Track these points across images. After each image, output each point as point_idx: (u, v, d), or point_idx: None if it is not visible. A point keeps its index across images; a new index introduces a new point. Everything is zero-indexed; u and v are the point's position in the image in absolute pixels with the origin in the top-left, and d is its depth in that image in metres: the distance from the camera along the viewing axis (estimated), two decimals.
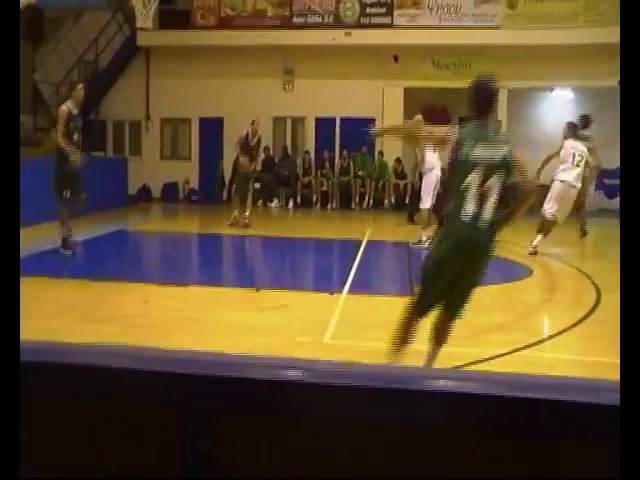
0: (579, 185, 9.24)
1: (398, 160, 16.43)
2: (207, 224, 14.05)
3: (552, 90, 17.37)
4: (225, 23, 16.71)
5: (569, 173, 9.12)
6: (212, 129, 17.21)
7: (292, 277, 7.78)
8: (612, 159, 15.77)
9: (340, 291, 6.46)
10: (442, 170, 9.21)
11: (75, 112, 8.05)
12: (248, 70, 16.45)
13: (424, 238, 9.24)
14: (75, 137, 7.96)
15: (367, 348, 4.74)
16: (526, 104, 17.27)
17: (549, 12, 15.86)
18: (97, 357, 1.02)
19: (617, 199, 15.64)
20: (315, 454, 0.95)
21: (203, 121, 17.39)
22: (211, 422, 0.96)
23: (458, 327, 5.24)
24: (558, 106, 17.42)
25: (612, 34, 15.33)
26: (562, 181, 9.16)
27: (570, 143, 9.27)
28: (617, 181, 16.07)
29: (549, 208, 9.16)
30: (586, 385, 0.97)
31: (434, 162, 9.47)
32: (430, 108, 17.89)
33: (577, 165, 9.13)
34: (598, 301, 6.19)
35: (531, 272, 7.90)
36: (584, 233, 10.34)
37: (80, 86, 8.32)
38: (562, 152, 9.25)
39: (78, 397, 0.98)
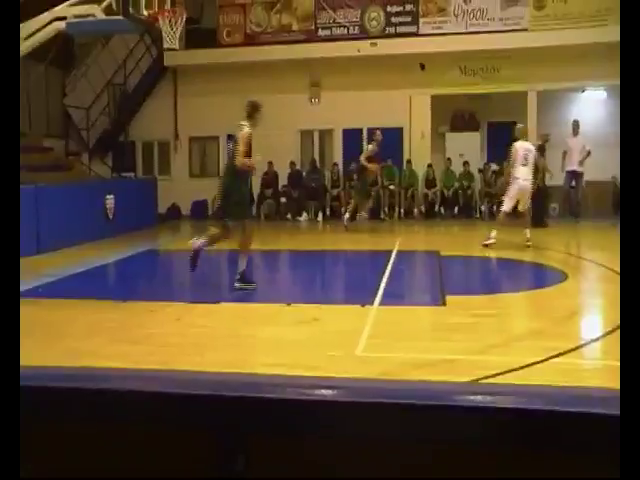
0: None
1: (429, 167, 16.39)
2: (235, 240, 14.15)
3: (584, 90, 17.17)
4: (251, 40, 16.92)
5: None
6: None
7: (323, 290, 7.81)
8: None
9: (371, 303, 6.46)
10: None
11: None
12: (275, 85, 16.60)
13: (492, 235, 10.07)
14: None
15: (399, 360, 4.74)
16: (557, 105, 17.09)
17: (578, 11, 15.71)
18: (125, 381, 1.04)
19: None
20: (348, 472, 0.95)
21: (230, 138, 17.57)
22: (244, 443, 0.96)
23: (490, 335, 5.23)
24: (590, 106, 17.22)
25: None
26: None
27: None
28: None
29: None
30: (615, 396, 0.94)
31: (519, 174, 10.13)
32: (459, 115, 17.88)
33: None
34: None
35: (567, 277, 7.80)
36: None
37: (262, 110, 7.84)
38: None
39: (108, 422, 0.99)
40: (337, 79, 16.73)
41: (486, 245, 10.09)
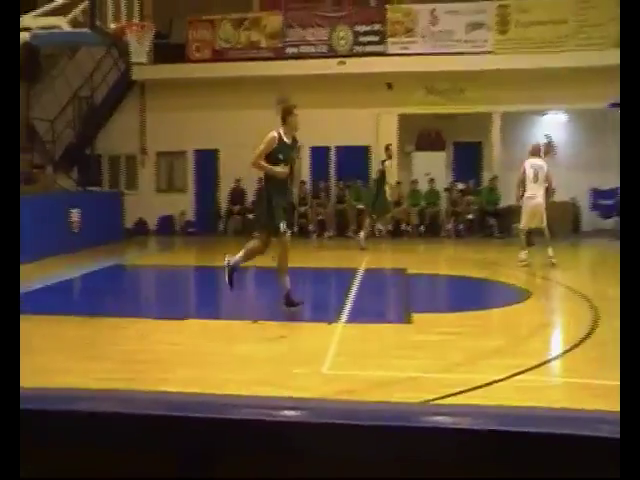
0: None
1: (397, 185, 16.58)
2: (204, 256, 14.12)
3: (545, 113, 17.58)
4: (220, 56, 16.97)
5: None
6: (207, 161, 17.39)
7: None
8: (605, 180, 15.96)
9: (338, 320, 6.51)
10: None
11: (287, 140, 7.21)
12: (243, 101, 16.67)
13: (522, 256, 10.22)
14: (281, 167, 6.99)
15: (365, 378, 4.78)
16: (519, 127, 17.45)
17: (540, 36, 16.12)
18: (84, 402, 1.01)
19: (611, 219, 15.76)
20: None
21: (198, 153, 17.57)
22: (210, 464, 0.94)
23: (455, 353, 5.31)
24: (551, 129, 17.62)
25: (602, 57, 15.58)
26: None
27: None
28: (611, 201, 16.23)
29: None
30: (585, 417, 0.97)
31: (530, 191, 10.34)
32: (425, 134, 18.14)
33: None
34: (596, 323, 6.24)
35: (530, 295, 7.95)
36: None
37: (296, 112, 7.46)
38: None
39: (67, 445, 0.96)
40: (306, 97, 16.80)
41: (526, 264, 10.13)
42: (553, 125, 17.67)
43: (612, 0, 16.25)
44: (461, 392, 4.14)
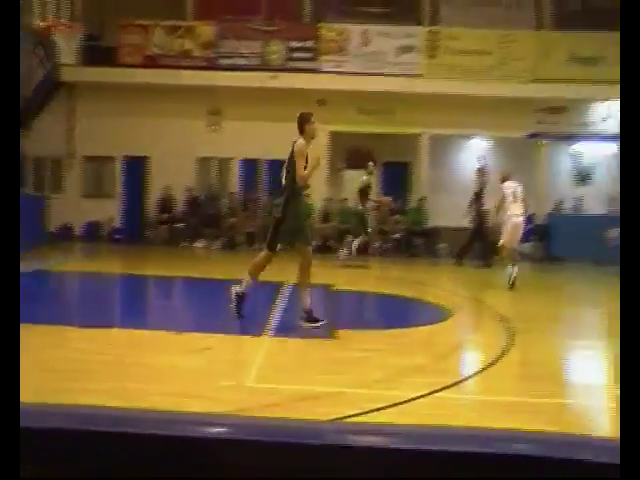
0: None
1: (326, 201, 16.76)
2: (130, 264, 13.87)
3: (470, 138, 18.17)
4: (152, 62, 16.79)
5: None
6: (136, 168, 17.13)
7: (216, 319, 7.80)
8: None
9: (263, 334, 6.54)
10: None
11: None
12: (174, 110, 16.53)
13: (512, 272, 10.50)
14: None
15: (287, 392, 4.83)
16: (447, 150, 17.97)
17: (466, 64, 16.70)
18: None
19: (528, 244, 16.41)
20: None
21: (128, 159, 17.29)
22: None
23: (376, 370, 5.43)
24: (475, 154, 18.24)
25: (522, 90, 16.30)
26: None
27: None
28: (529, 226, 16.92)
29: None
30: (498, 436, 1.00)
31: (513, 211, 10.82)
32: (356, 152, 18.42)
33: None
34: (512, 342, 6.50)
35: (452, 314, 8.19)
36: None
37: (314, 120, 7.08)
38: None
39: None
40: (238, 109, 16.86)
41: (512, 284, 10.47)
42: (478, 150, 18.28)
43: (532, 37, 17.04)
44: (380, 408, 4.24)
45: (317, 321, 6.69)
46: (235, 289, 7.04)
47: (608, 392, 5.35)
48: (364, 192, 13.37)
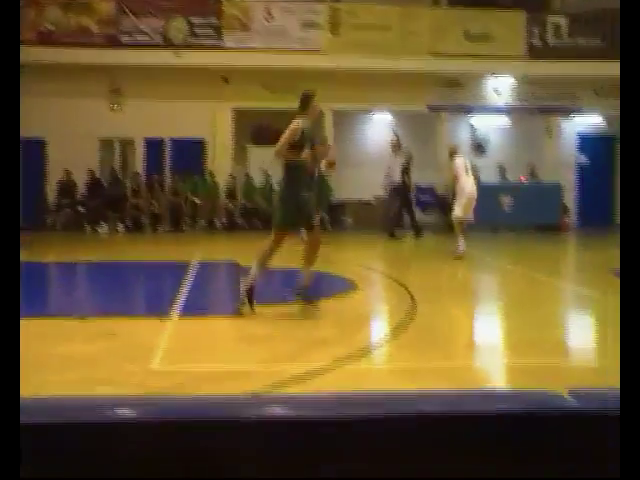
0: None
1: (231, 178, 16.58)
2: (31, 251, 13.30)
3: (373, 113, 18.39)
4: (45, 39, 15.97)
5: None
6: (34, 150, 16.35)
7: (120, 303, 7.60)
8: (424, 177, 17.01)
9: (169, 315, 6.44)
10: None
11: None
12: (72, 89, 15.84)
13: (461, 244, 10.74)
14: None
15: (195, 372, 4.79)
16: (350, 125, 18.13)
17: (368, 40, 16.81)
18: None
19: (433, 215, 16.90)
20: None
21: (24, 142, 16.44)
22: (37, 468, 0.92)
23: (283, 344, 5.47)
24: (378, 127, 18.50)
25: (422, 64, 16.62)
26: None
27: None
28: (429, 197, 17.47)
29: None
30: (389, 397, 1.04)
31: (467, 184, 11.08)
32: (262, 129, 18.24)
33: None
34: (414, 312, 6.68)
35: (356, 286, 8.32)
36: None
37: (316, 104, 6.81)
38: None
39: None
40: (140, 87, 16.34)
41: (459, 257, 10.66)
42: (380, 124, 18.54)
43: (429, 13, 17.35)
44: (292, 381, 4.27)
45: (312, 302, 6.51)
46: (242, 282, 6.61)
47: (504, 352, 5.61)
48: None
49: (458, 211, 11.05)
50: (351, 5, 17.01)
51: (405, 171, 14.62)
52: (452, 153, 11.50)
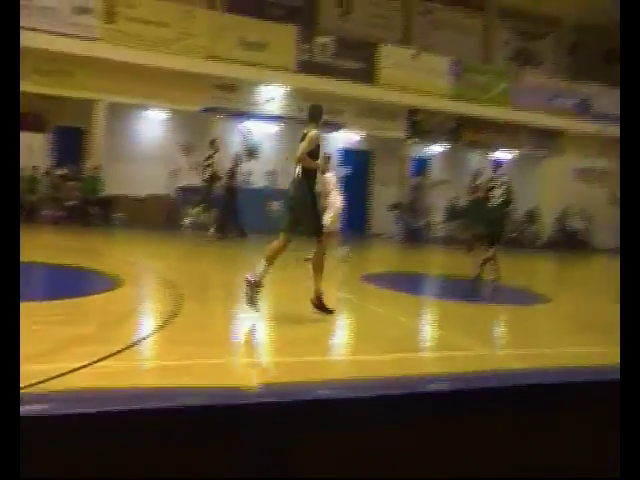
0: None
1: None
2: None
3: (149, 109, 17.90)
4: None
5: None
6: None
7: None
8: (193, 179, 16.93)
9: None
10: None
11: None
12: None
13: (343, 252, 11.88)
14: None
15: None
16: (125, 119, 17.47)
17: (146, 34, 16.32)
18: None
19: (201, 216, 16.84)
20: None
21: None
22: None
23: (42, 343, 5.06)
24: (152, 125, 18.06)
25: (199, 65, 16.54)
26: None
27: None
28: (197, 197, 17.44)
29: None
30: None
31: (338, 199, 11.63)
32: (23, 115, 16.82)
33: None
34: (179, 308, 6.59)
35: (123, 283, 8.00)
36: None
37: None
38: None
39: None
40: None
41: (345, 260, 11.65)
42: (155, 121, 18.09)
43: (208, 16, 17.33)
44: (45, 380, 3.96)
45: (329, 311, 6.72)
46: (248, 277, 6.55)
47: (264, 349, 5.75)
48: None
49: (327, 223, 11.48)
50: None
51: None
52: (324, 169, 11.79)
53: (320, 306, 6.77)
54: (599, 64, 25.05)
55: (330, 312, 6.79)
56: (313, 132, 6.74)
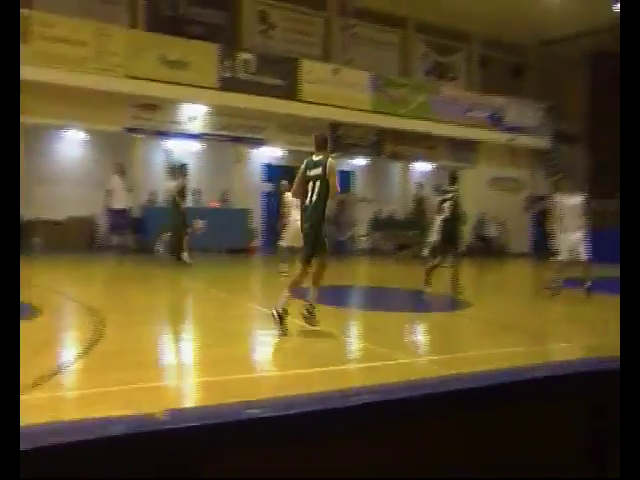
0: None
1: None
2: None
3: (67, 130, 17.41)
4: None
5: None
6: None
7: None
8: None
9: None
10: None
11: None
12: None
13: (285, 269, 11.88)
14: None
15: None
16: (43, 141, 16.94)
17: (62, 53, 15.90)
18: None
19: (122, 236, 16.44)
20: None
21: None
22: None
23: None
24: (72, 145, 17.57)
25: (118, 84, 16.20)
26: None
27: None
28: (122, 220, 17.03)
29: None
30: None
31: (296, 215, 11.14)
32: None
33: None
34: (101, 335, 6.39)
35: (40, 312, 7.70)
36: None
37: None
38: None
39: None
40: None
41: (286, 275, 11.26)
42: (73, 143, 17.61)
43: (126, 34, 17.04)
44: None
45: (315, 323, 6.95)
46: (274, 311, 6.77)
47: (193, 369, 5.64)
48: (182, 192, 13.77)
49: (287, 240, 12.15)
50: (45, 15, 15.93)
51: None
52: (284, 190, 12.19)
53: (312, 319, 7.00)
54: (508, 78, 26.07)
55: (315, 318, 7.04)
56: (332, 162, 6.99)
